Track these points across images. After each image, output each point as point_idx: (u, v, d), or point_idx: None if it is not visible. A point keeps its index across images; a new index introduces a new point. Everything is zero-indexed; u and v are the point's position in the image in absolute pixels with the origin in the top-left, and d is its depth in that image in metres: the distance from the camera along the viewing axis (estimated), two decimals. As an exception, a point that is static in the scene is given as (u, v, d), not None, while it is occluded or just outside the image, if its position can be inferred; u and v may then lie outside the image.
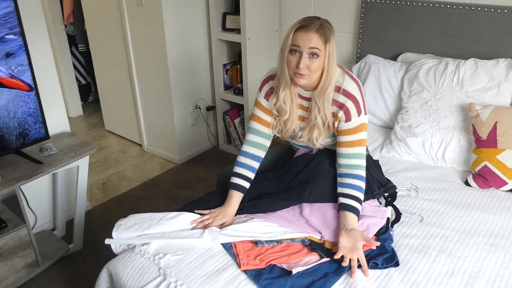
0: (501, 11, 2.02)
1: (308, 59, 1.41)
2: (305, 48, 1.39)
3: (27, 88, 1.86)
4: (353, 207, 1.45)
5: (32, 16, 2.02)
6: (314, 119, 1.52)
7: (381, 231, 1.45)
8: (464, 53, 2.16)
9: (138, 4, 2.76)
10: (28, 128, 1.90)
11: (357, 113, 1.49)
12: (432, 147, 1.96)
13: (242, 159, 1.63)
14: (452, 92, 1.98)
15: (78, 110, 4.00)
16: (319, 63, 1.42)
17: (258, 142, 1.63)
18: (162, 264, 1.34)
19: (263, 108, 1.62)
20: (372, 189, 1.59)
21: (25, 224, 1.90)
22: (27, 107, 1.87)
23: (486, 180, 1.75)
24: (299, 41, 1.40)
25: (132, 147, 3.39)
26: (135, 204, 2.63)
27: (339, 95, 1.49)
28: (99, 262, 2.15)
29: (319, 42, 1.39)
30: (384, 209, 1.54)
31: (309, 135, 1.56)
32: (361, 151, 1.52)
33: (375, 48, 2.50)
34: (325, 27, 1.41)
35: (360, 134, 1.51)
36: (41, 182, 2.26)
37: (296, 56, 1.42)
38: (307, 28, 1.39)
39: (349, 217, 1.43)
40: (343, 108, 1.49)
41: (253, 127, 1.64)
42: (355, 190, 1.48)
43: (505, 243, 1.44)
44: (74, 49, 3.86)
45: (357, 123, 1.50)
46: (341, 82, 1.49)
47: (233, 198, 1.57)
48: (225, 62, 3.05)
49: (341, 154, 1.53)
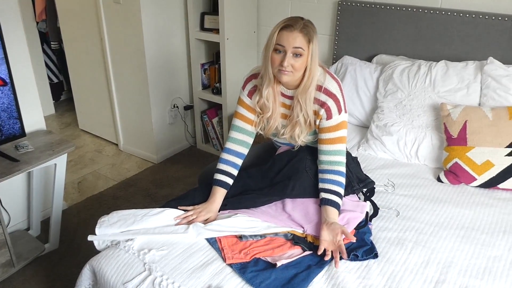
0: (470, 15, 2.13)
1: (292, 58, 1.45)
2: (289, 48, 1.43)
3: (1, 83, 1.83)
4: (334, 202, 1.50)
5: (8, 11, 1.98)
6: (296, 117, 1.56)
7: (361, 225, 1.51)
8: (436, 56, 2.26)
9: (115, 2, 2.74)
10: (1, 123, 1.86)
11: (338, 111, 1.54)
12: (406, 145, 2.04)
13: (225, 156, 1.66)
14: (425, 93, 2.07)
15: (50, 109, 3.91)
16: (303, 62, 1.46)
17: (241, 139, 1.66)
18: (147, 259, 1.35)
19: (246, 106, 1.65)
20: (352, 184, 1.65)
21: (0, 224, 1.86)
22: (1, 102, 1.84)
23: (456, 176, 1.83)
24: (283, 40, 1.43)
25: (107, 147, 3.35)
26: (113, 203, 2.61)
27: (320, 93, 1.53)
28: (76, 261, 2.13)
29: (303, 42, 1.44)
30: (363, 203, 1.60)
31: (291, 132, 1.60)
32: (341, 148, 1.57)
33: (351, 50, 2.57)
34: (309, 27, 1.45)
35: (340, 132, 1.56)
36: (15, 181, 2.22)
37: (280, 54, 1.46)
38: (291, 27, 1.42)
39: (330, 212, 1.47)
40: (325, 106, 1.53)
41: (236, 124, 1.67)
42: (336, 185, 1.53)
43: (475, 235, 1.52)
44: (46, 46, 3.78)
45: (337, 120, 1.55)
46: (322, 81, 1.54)
47: (216, 194, 1.59)
48: (203, 62, 3.06)
49: (322, 151, 1.57)
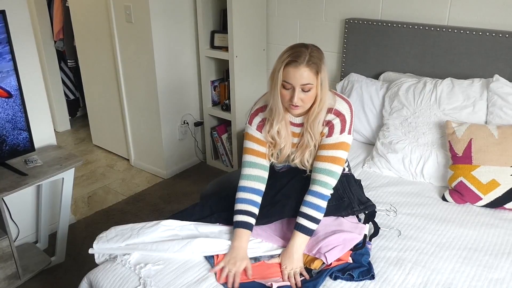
0: (476, 33, 2.11)
1: (301, 92, 1.41)
2: (297, 85, 1.39)
3: (6, 95, 1.89)
4: (306, 228, 1.45)
5: (21, 28, 2.06)
6: (306, 142, 1.52)
7: (358, 246, 1.49)
8: (442, 73, 2.24)
9: (128, 22, 2.82)
10: (6, 134, 1.92)
11: (340, 130, 1.50)
12: (412, 163, 2.01)
13: (242, 195, 1.55)
14: (430, 110, 2.05)
15: (65, 125, 4.02)
16: (312, 94, 1.42)
17: (255, 175, 1.57)
18: (142, 273, 1.36)
19: (256, 139, 1.57)
20: (352, 205, 1.61)
21: (7, 236, 1.90)
22: (6, 113, 1.90)
23: (462, 196, 1.80)
24: (290, 77, 1.39)
25: (119, 162, 3.41)
26: (120, 218, 2.64)
27: (330, 114, 1.50)
28: (81, 275, 2.11)
29: (310, 76, 1.39)
30: (362, 226, 1.57)
31: (301, 157, 1.56)
32: (335, 170, 1.50)
33: (358, 67, 2.57)
34: (314, 57, 1.39)
35: (338, 152, 1.50)
36: (25, 195, 2.27)
37: (289, 90, 1.42)
38: (296, 63, 1.37)
39: (298, 238, 1.44)
40: (329, 124, 1.50)
41: (248, 160, 1.57)
42: (313, 210, 1.47)
43: (477, 256, 1.48)
44: (63, 64, 3.90)
45: (337, 139, 1.50)
46: (333, 104, 1.50)
47: (242, 237, 1.46)
48: (213, 79, 3.11)
49: (315, 168, 1.53)
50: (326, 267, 1.39)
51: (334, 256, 1.41)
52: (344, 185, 1.64)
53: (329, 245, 1.45)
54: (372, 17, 2.50)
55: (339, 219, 1.59)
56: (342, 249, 1.43)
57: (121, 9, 2.82)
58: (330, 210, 1.56)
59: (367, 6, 2.51)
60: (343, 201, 1.61)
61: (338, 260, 1.41)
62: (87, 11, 3.11)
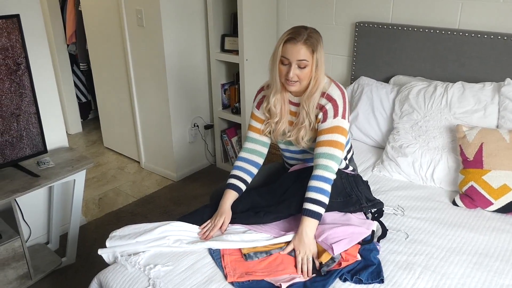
0: (488, 36, 2.10)
1: (297, 69, 1.51)
2: (294, 60, 1.50)
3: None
4: (313, 212, 1.48)
5: (35, 34, 2.10)
6: (302, 121, 1.61)
7: (366, 240, 1.49)
8: (453, 77, 2.22)
9: (139, 25, 2.85)
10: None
11: (334, 115, 1.57)
12: (422, 167, 2.00)
13: (239, 163, 1.72)
14: (441, 114, 2.03)
15: (77, 127, 4.07)
16: (308, 71, 1.53)
17: (254, 149, 1.73)
18: (152, 274, 1.37)
19: (255, 117, 1.73)
20: (360, 201, 1.63)
21: (19, 236, 1.93)
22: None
23: (472, 200, 1.78)
24: (288, 53, 1.50)
25: (130, 164, 3.43)
26: (130, 220, 2.66)
27: (322, 99, 1.59)
28: (91, 276, 2.14)
29: (307, 53, 1.49)
30: (370, 221, 1.58)
31: (297, 135, 1.64)
32: (333, 152, 1.55)
33: (368, 71, 2.57)
34: (312, 38, 1.50)
35: (335, 136, 1.56)
36: (37, 196, 2.30)
37: (286, 66, 1.53)
38: (295, 40, 1.48)
39: (306, 223, 1.47)
40: (323, 109, 1.58)
41: (249, 135, 1.75)
42: (318, 193, 1.50)
43: (488, 262, 1.47)
44: (75, 67, 3.95)
45: (332, 124, 1.56)
46: (326, 88, 1.60)
47: (226, 195, 1.64)
48: (224, 82, 3.13)
49: (316, 154, 1.58)
50: (336, 266, 1.39)
51: (341, 248, 1.42)
52: (351, 184, 1.68)
53: (336, 237, 1.46)
54: (383, 20, 2.50)
55: (347, 215, 1.61)
56: (349, 242, 1.44)
57: (132, 13, 2.86)
58: (337, 206, 1.59)
59: (377, 10, 2.51)
60: (351, 197, 1.64)
61: (347, 259, 1.40)
62: (100, 15, 3.16)
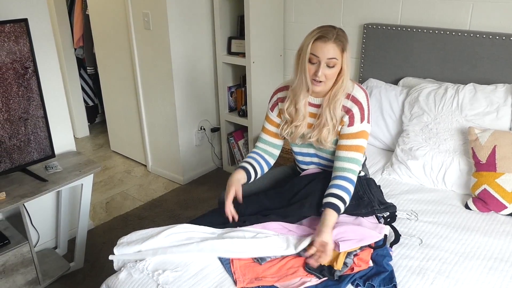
0: (499, 37, 2.07)
1: (325, 68, 1.48)
2: (324, 58, 1.47)
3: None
4: (334, 205, 1.46)
5: (43, 38, 2.10)
6: (325, 120, 1.57)
7: (379, 244, 1.47)
8: (464, 78, 2.19)
9: (146, 29, 2.85)
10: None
11: (361, 119, 1.55)
12: (433, 170, 1.97)
13: (252, 155, 1.73)
14: (452, 116, 2.00)
15: (84, 131, 4.07)
16: (336, 71, 1.50)
17: (266, 149, 1.74)
18: (160, 280, 1.35)
19: (269, 119, 1.73)
20: (372, 204, 1.61)
21: (28, 241, 1.92)
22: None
23: (485, 204, 1.75)
24: (318, 51, 1.47)
25: (136, 168, 3.43)
26: (137, 224, 2.65)
27: (347, 100, 1.56)
28: (99, 281, 2.13)
29: (337, 52, 1.47)
30: (382, 226, 1.56)
31: (318, 136, 1.60)
32: (357, 157, 1.56)
33: (376, 72, 2.54)
34: (341, 36, 1.48)
35: (359, 140, 1.56)
36: (45, 201, 2.29)
37: (315, 65, 1.50)
38: (325, 38, 1.46)
39: (326, 214, 1.45)
40: (349, 113, 1.56)
41: (262, 137, 1.76)
42: (341, 190, 1.50)
43: (503, 267, 1.44)
44: (82, 71, 3.96)
45: (358, 129, 1.56)
46: (351, 90, 1.57)
47: (238, 173, 1.65)
48: (230, 85, 3.11)
49: (338, 157, 1.57)
50: (349, 271, 1.37)
51: (348, 246, 1.40)
52: (364, 187, 1.67)
53: (345, 236, 1.44)
54: (391, 22, 2.47)
55: (359, 218, 1.59)
56: (357, 242, 1.42)
57: (139, 17, 2.85)
58: (350, 209, 1.57)
59: (385, 11, 2.49)
60: (363, 200, 1.63)
61: (359, 265, 1.38)
62: (107, 19, 3.16)
